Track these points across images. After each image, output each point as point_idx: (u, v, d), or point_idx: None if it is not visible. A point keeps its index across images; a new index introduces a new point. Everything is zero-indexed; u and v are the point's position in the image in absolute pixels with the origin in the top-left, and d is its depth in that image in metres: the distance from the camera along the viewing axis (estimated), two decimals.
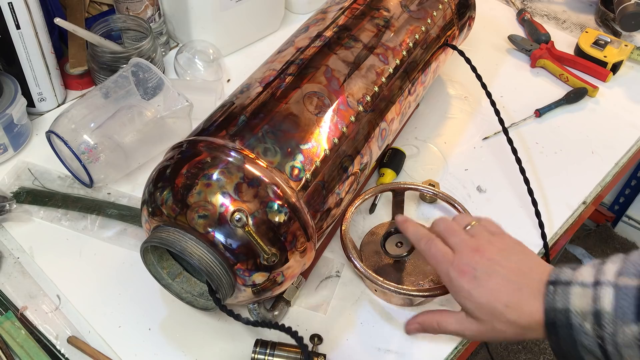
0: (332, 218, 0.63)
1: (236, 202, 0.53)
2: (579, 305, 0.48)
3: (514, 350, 1.53)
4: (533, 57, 0.99)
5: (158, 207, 0.56)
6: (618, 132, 0.90)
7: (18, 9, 0.75)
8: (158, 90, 0.76)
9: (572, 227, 0.79)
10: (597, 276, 0.49)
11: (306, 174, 0.58)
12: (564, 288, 0.50)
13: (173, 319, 0.65)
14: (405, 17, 0.75)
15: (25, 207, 0.75)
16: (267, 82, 0.64)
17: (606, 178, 0.84)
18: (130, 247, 0.71)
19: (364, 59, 0.68)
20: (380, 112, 0.68)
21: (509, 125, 0.87)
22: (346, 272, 0.71)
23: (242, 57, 0.98)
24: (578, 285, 0.49)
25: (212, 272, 0.54)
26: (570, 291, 0.49)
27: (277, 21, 1.03)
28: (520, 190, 0.78)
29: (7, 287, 0.67)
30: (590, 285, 0.48)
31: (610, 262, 0.50)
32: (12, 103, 0.77)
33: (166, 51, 0.98)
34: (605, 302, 0.47)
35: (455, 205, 0.73)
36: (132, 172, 0.78)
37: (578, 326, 0.48)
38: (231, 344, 0.64)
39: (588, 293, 0.48)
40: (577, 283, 0.49)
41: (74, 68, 0.89)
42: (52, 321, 0.64)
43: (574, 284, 0.49)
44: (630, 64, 1.01)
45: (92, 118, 0.72)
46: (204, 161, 0.56)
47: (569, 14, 1.12)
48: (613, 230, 1.73)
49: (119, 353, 0.62)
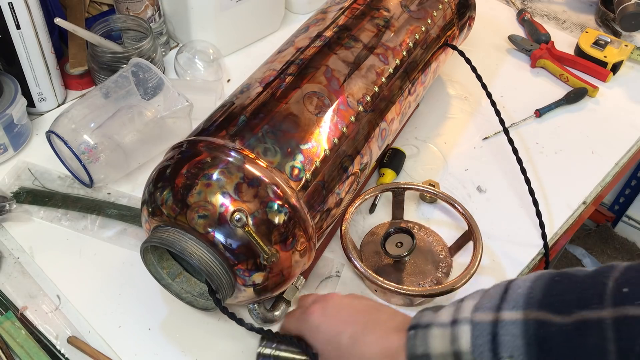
0: (332, 218, 0.63)
1: (236, 202, 0.53)
2: (439, 348, 0.46)
3: None
4: (533, 57, 0.99)
5: (158, 207, 0.56)
6: (618, 132, 0.90)
7: (18, 9, 0.75)
8: (158, 90, 0.76)
9: (572, 227, 0.79)
10: (455, 314, 0.46)
11: (306, 174, 0.58)
12: (424, 331, 0.47)
13: (173, 319, 0.65)
14: (405, 17, 0.75)
15: (25, 207, 0.75)
16: (267, 82, 0.64)
17: (606, 178, 0.84)
18: (130, 247, 0.71)
19: (364, 59, 0.68)
20: (380, 112, 0.68)
21: (509, 125, 0.87)
22: (346, 272, 0.71)
23: (242, 57, 0.98)
24: (437, 327, 0.47)
25: (212, 272, 0.54)
26: (429, 334, 0.47)
27: (277, 21, 1.03)
28: (521, 190, 0.78)
29: (7, 287, 0.67)
30: (449, 324, 0.46)
31: (470, 298, 0.47)
32: (12, 103, 0.77)
33: (166, 51, 0.98)
34: (462, 342, 0.44)
35: (455, 206, 0.73)
36: (132, 172, 0.78)
37: None
38: (231, 344, 0.64)
39: (447, 333, 0.46)
40: (436, 324, 0.47)
41: (74, 68, 0.89)
42: (52, 321, 0.64)
43: (433, 325, 0.47)
44: (630, 64, 1.01)
45: (92, 118, 0.72)
46: (204, 161, 0.55)
47: (569, 14, 1.12)
48: (613, 231, 1.73)
49: (119, 353, 0.62)
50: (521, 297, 0.43)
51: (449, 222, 0.76)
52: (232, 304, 0.62)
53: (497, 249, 0.73)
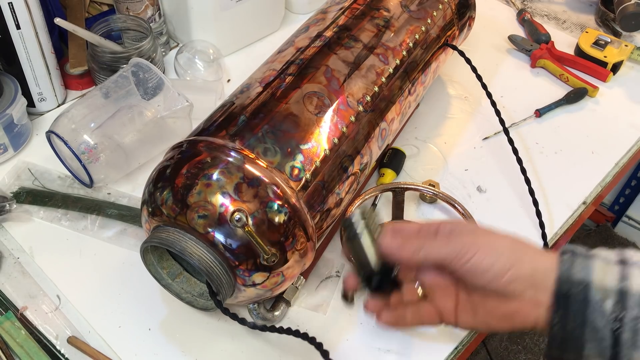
0: (332, 218, 0.63)
1: (236, 202, 0.53)
2: (603, 280, 0.42)
3: (514, 350, 1.53)
4: (533, 57, 0.99)
5: (158, 207, 0.56)
6: (618, 132, 0.90)
7: (18, 9, 0.75)
8: (158, 90, 0.76)
9: (572, 227, 0.79)
10: (622, 256, 0.43)
11: (306, 174, 0.58)
12: (584, 259, 0.43)
13: (173, 319, 0.65)
14: (405, 17, 0.75)
15: (25, 207, 0.75)
16: (267, 82, 0.64)
17: (606, 178, 0.84)
18: (130, 247, 0.71)
19: (364, 59, 0.68)
20: (380, 112, 0.68)
21: (509, 125, 0.87)
22: (346, 272, 0.70)
23: (242, 57, 0.98)
24: (601, 260, 0.43)
25: (212, 272, 0.54)
26: (592, 263, 0.43)
27: (277, 21, 1.03)
28: (521, 191, 0.78)
29: (7, 287, 0.67)
30: (616, 262, 0.43)
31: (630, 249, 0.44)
32: (12, 103, 0.77)
33: (166, 51, 0.98)
34: (634, 282, 0.41)
35: (455, 206, 0.73)
36: (132, 172, 0.78)
37: (596, 303, 0.41)
38: (231, 344, 0.64)
39: (614, 270, 0.42)
40: (599, 257, 0.43)
41: (74, 68, 0.89)
42: (52, 321, 0.64)
43: (596, 257, 0.44)
44: (630, 64, 1.01)
45: (92, 118, 0.72)
46: (204, 161, 0.55)
47: (569, 14, 1.12)
48: (613, 231, 1.73)
49: (119, 353, 0.62)
50: None
51: None
52: (232, 304, 0.62)
53: None
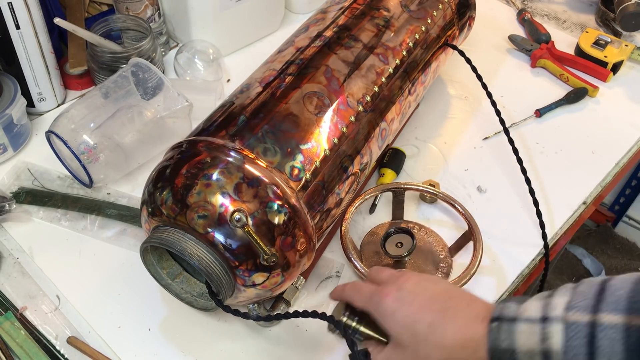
0: (332, 218, 0.63)
1: (236, 202, 0.53)
2: (526, 345, 0.44)
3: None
4: (533, 57, 0.99)
5: (158, 207, 0.56)
6: (618, 132, 0.90)
7: (18, 9, 0.75)
8: (158, 90, 0.76)
9: (572, 227, 0.79)
10: (545, 311, 0.45)
11: (306, 174, 0.58)
12: (509, 325, 0.45)
13: (173, 319, 0.65)
14: (405, 17, 0.75)
15: (25, 207, 0.74)
16: (267, 82, 0.64)
17: (606, 178, 0.84)
18: (130, 247, 0.71)
19: (364, 58, 0.68)
20: (380, 112, 0.68)
21: (510, 125, 0.87)
22: (346, 272, 0.70)
23: (242, 57, 0.98)
24: (524, 322, 0.45)
25: (212, 272, 0.54)
26: (515, 328, 0.45)
27: (277, 21, 1.03)
28: (521, 191, 0.78)
29: (7, 287, 0.67)
30: (538, 321, 0.44)
31: (559, 294, 0.45)
32: (12, 103, 0.77)
33: (166, 51, 0.98)
34: (554, 341, 0.43)
35: (455, 206, 0.73)
36: (132, 172, 0.78)
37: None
38: (231, 344, 0.64)
39: (535, 330, 0.44)
40: (523, 319, 0.45)
41: (74, 68, 0.89)
42: (52, 321, 0.64)
43: (519, 320, 0.45)
44: (630, 64, 1.01)
45: (92, 118, 0.72)
46: (204, 161, 0.55)
47: (569, 14, 1.12)
48: (613, 231, 1.73)
49: (118, 353, 0.62)
50: (623, 301, 0.42)
51: (449, 222, 0.76)
52: (232, 304, 0.62)
53: (497, 249, 0.73)
